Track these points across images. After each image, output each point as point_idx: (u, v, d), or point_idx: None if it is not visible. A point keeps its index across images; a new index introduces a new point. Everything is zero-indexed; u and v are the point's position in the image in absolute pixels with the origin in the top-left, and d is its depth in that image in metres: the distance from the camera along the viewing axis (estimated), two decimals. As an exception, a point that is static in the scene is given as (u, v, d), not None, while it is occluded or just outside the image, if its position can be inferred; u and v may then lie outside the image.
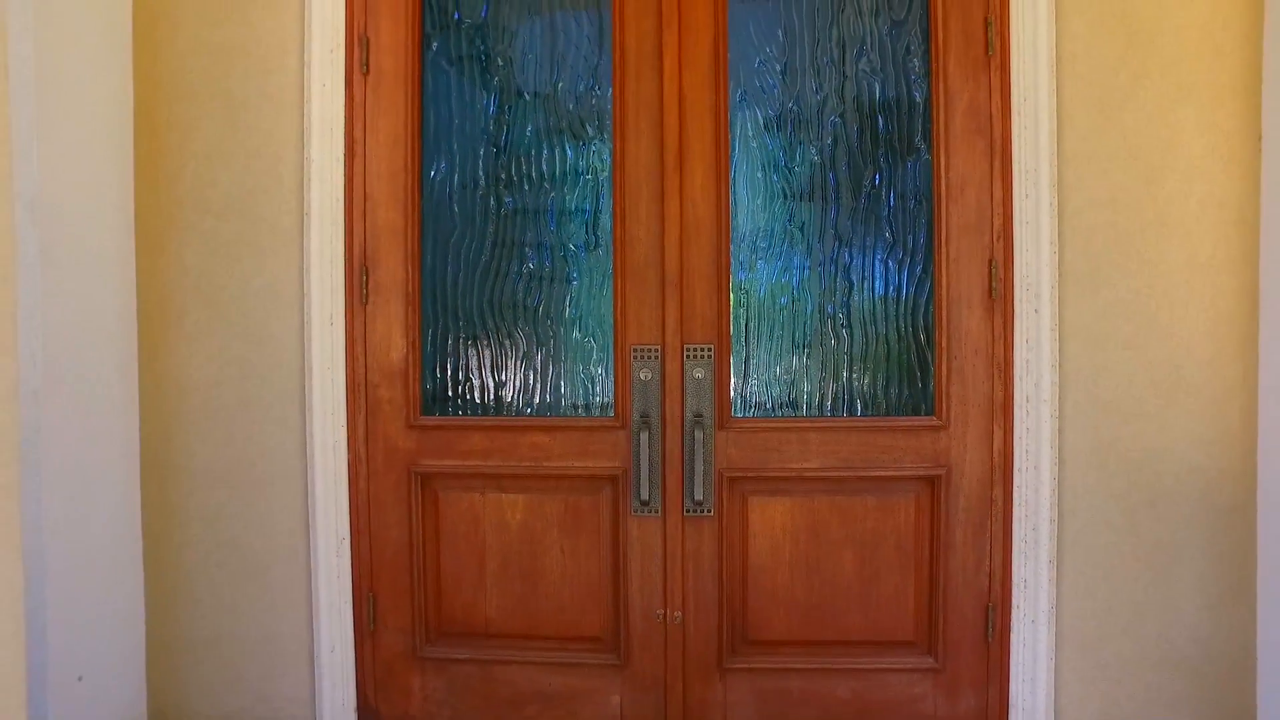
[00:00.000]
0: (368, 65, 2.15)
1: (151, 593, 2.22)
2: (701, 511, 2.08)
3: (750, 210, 2.12)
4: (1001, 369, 2.04)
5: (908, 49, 2.09)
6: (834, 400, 2.11)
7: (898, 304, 2.10)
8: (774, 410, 2.12)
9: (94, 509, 2.03)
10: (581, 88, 2.14)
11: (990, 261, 2.04)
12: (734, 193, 2.11)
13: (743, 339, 2.12)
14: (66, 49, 1.94)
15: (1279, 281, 1.91)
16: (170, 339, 2.19)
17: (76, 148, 1.98)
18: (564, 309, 2.16)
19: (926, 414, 2.08)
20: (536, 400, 2.17)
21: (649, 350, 2.09)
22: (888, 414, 2.10)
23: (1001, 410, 2.05)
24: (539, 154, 2.16)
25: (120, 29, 2.13)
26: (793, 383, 2.12)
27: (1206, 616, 2.01)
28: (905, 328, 2.10)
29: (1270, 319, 1.94)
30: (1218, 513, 2.00)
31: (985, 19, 2.04)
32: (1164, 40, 1.99)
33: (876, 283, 2.10)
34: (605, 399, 2.14)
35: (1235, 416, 2.00)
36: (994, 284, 2.04)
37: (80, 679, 1.94)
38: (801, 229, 2.12)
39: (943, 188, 2.05)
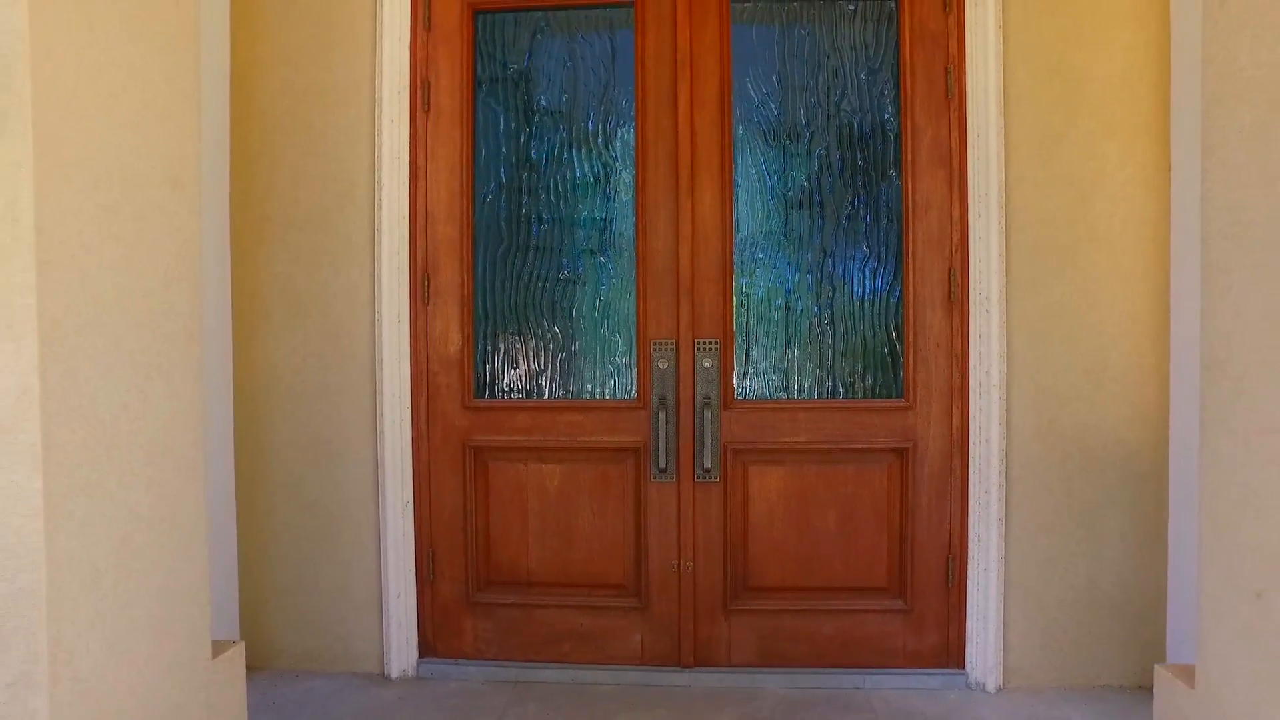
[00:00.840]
0: (429, 104, 2.56)
1: (244, 550, 2.63)
2: (710, 478, 2.49)
3: (750, 227, 2.53)
4: (959, 359, 2.46)
5: (882, 92, 2.51)
6: (819, 385, 2.53)
7: (873, 305, 2.51)
8: (770, 394, 2.54)
9: (203, 476, 2.43)
10: (610, 124, 2.55)
11: (950, 270, 2.46)
12: (736, 212, 2.52)
13: (744, 334, 2.53)
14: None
15: (1186, 287, 2.32)
16: (260, 334, 2.59)
17: (149, 152, 2.38)
18: (594, 309, 2.57)
19: (897, 397, 2.50)
20: (571, 385, 2.58)
21: (666, 344, 2.50)
22: (864, 397, 2.51)
23: (959, 394, 2.46)
24: (573, 179, 2.57)
25: (220, 73, 2.54)
26: (785, 371, 2.53)
27: (1128, 564, 2.43)
28: (879, 325, 2.51)
29: (1179, 317, 2.35)
30: (1137, 478, 2.42)
31: (945, 68, 2.45)
32: (1091, 87, 2.40)
33: (855, 287, 2.51)
34: (629, 384, 2.55)
35: (1151, 398, 2.41)
36: (953, 289, 2.45)
37: (197, 615, 2.34)
38: (793, 242, 2.53)
39: (910, 208, 2.47)
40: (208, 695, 1.65)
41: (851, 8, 2.51)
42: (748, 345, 2.54)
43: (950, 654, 2.50)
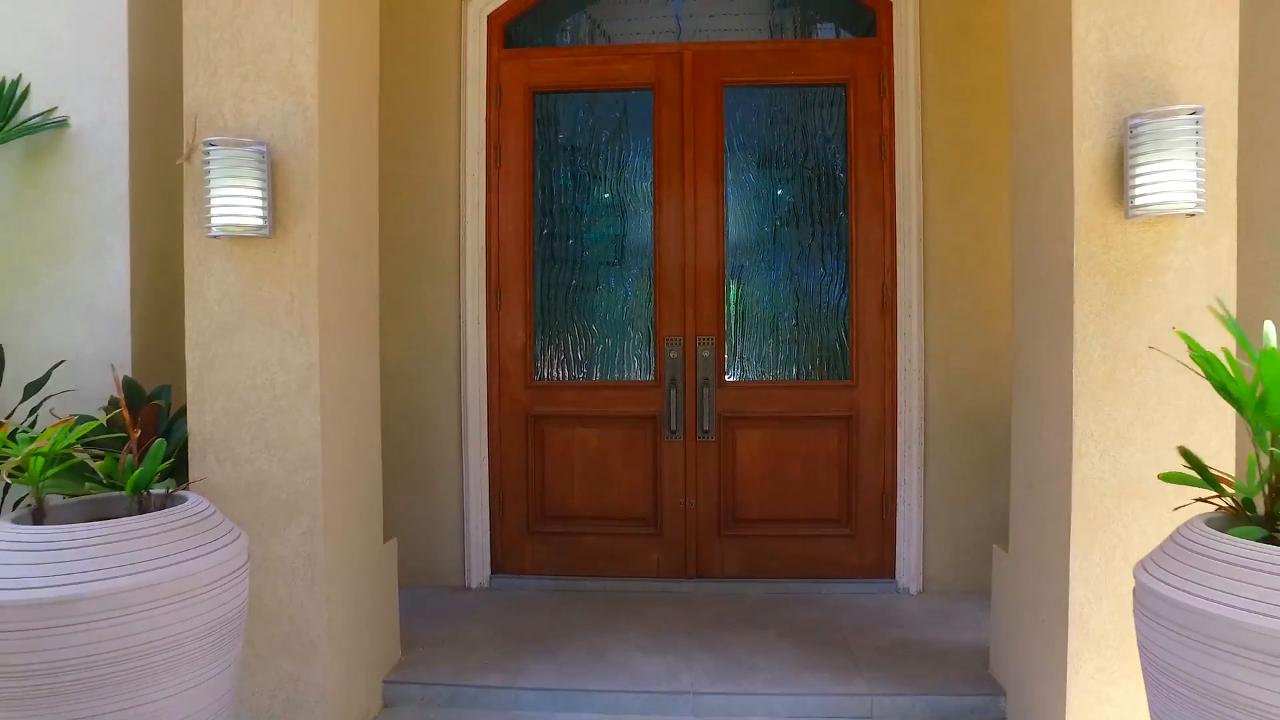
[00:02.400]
0: (500, 162, 3.46)
1: (361, 492, 3.52)
2: (708, 438, 3.39)
3: (737, 254, 3.43)
4: (889, 351, 3.36)
5: (834, 155, 3.41)
6: (788, 370, 3.43)
7: (828, 311, 3.41)
8: (752, 376, 3.44)
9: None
10: (634, 177, 3.45)
11: (883, 286, 3.36)
12: (727, 242, 3.42)
13: (733, 333, 3.43)
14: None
15: (1025, 304, 3.21)
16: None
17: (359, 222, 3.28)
18: (623, 313, 3.47)
19: (845, 379, 3.40)
20: (605, 370, 3.48)
21: (675, 339, 3.40)
22: (821, 379, 3.42)
23: (889, 376, 3.36)
24: (608, 220, 3.47)
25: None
26: (763, 359, 3.44)
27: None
28: (832, 326, 3.41)
29: (1020, 322, 3.25)
30: (1018, 437, 3.31)
31: (880, 138, 3.35)
32: (986, 153, 3.30)
33: (815, 297, 3.41)
34: (649, 369, 3.45)
35: (1029, 379, 3.30)
36: (885, 300, 3.35)
37: (338, 534, 3.24)
38: (769, 265, 3.43)
39: (854, 240, 3.37)
40: (381, 567, 2.56)
41: (814, 93, 3.41)
42: (735, 340, 3.44)
43: (884, 567, 3.40)
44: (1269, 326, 1.37)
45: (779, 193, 3.44)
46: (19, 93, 2.61)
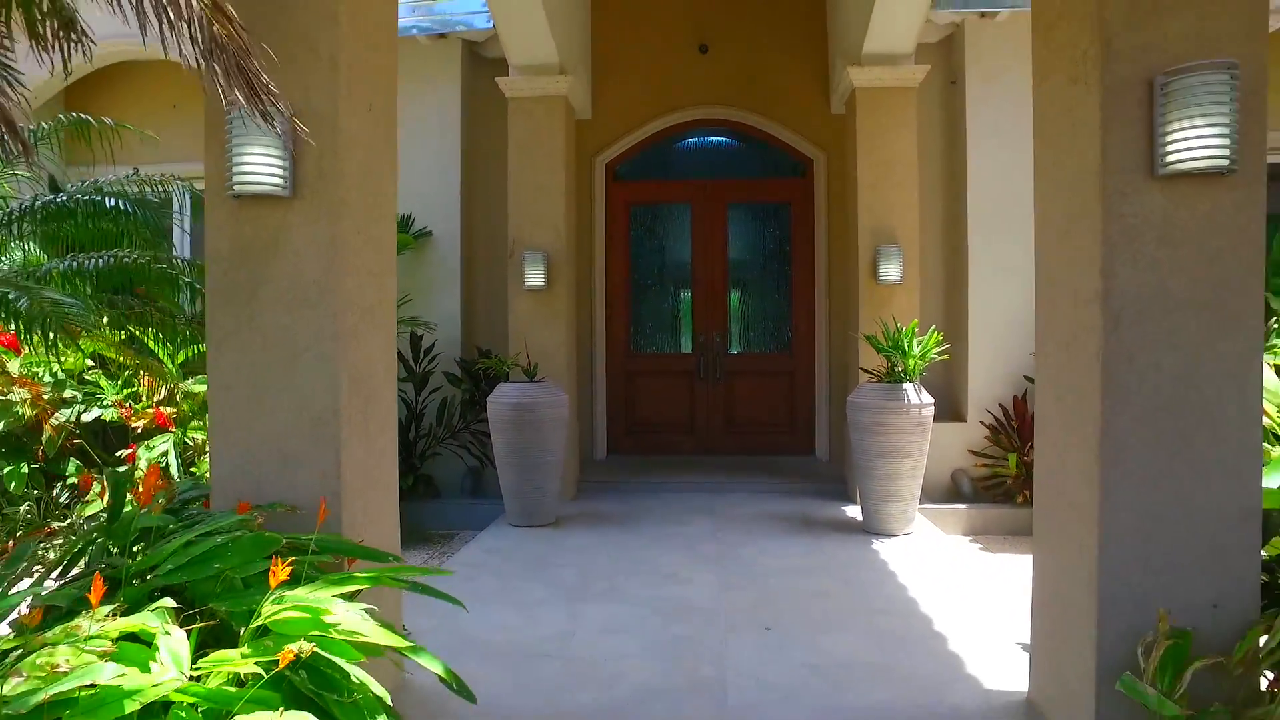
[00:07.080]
0: (611, 242, 6.75)
1: (539, 412, 6.81)
2: (719, 382, 6.66)
3: (735, 287, 6.69)
4: (812, 339, 6.61)
5: (786, 240, 6.67)
6: (761, 347, 6.69)
7: (780, 318, 6.67)
8: (743, 350, 6.70)
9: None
10: (680, 249, 6.73)
11: (809, 306, 6.61)
12: (729, 281, 6.68)
13: (733, 329, 6.69)
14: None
15: (856, 319, 6.45)
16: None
17: (573, 279, 6.56)
18: (675, 318, 6.74)
19: (789, 353, 6.66)
20: (666, 347, 6.75)
21: (703, 331, 6.67)
22: (778, 353, 6.68)
23: (811, 353, 6.62)
24: (672, 267, 6.75)
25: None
26: (748, 341, 6.70)
27: (873, 413, 6.57)
28: (783, 327, 6.67)
29: (855, 325, 6.49)
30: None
31: (807, 230, 6.61)
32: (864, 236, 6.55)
33: (774, 311, 6.67)
34: (689, 346, 6.72)
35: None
36: (809, 313, 6.61)
37: (535, 429, 6.54)
38: (753, 294, 6.69)
39: (794, 282, 6.63)
40: (575, 429, 5.84)
41: (774, 206, 6.68)
42: (734, 332, 6.70)
43: (810, 449, 6.65)
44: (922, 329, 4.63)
45: (756, 257, 6.71)
46: (411, 220, 5.90)
